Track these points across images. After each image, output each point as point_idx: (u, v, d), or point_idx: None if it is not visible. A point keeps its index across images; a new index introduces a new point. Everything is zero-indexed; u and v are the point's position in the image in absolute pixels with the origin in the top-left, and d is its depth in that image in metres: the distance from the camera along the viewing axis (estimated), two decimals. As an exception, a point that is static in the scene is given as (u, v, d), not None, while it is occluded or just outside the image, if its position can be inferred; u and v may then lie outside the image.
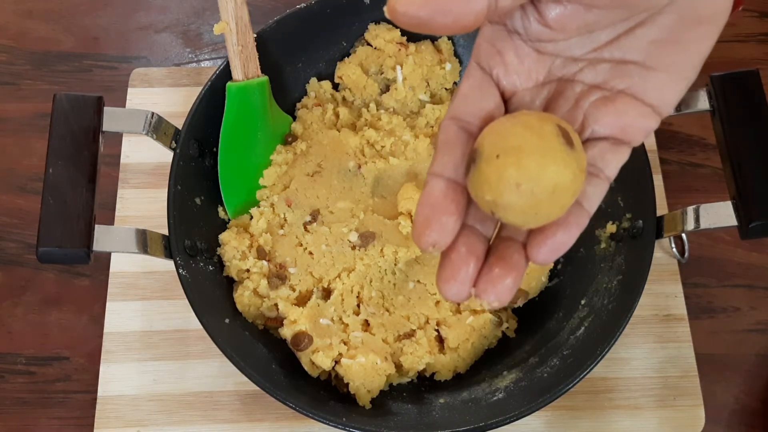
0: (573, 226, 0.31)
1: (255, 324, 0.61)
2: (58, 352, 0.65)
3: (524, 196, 0.29)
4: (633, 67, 0.32)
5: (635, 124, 0.32)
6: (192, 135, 0.60)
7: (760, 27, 0.78)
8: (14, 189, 0.71)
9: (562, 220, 0.31)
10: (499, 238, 0.32)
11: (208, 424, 0.61)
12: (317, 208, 0.63)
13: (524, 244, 0.32)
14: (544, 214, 0.30)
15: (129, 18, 0.79)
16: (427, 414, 0.58)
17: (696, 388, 0.63)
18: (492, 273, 0.31)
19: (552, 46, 0.32)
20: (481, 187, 0.30)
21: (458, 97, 0.33)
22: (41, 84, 0.75)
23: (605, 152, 0.32)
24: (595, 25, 0.31)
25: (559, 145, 0.29)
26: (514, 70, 0.33)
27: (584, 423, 0.62)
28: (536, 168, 0.29)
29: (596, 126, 0.32)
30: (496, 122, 0.31)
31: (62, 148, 0.53)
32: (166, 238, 0.56)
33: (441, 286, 0.31)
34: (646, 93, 0.32)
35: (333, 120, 0.67)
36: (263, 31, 0.63)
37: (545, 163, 0.29)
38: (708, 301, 0.68)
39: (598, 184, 0.32)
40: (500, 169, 0.29)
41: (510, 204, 0.29)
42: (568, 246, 0.31)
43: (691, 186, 0.72)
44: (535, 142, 0.29)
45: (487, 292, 0.31)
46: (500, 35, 0.32)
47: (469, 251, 0.31)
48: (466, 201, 0.32)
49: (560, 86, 0.33)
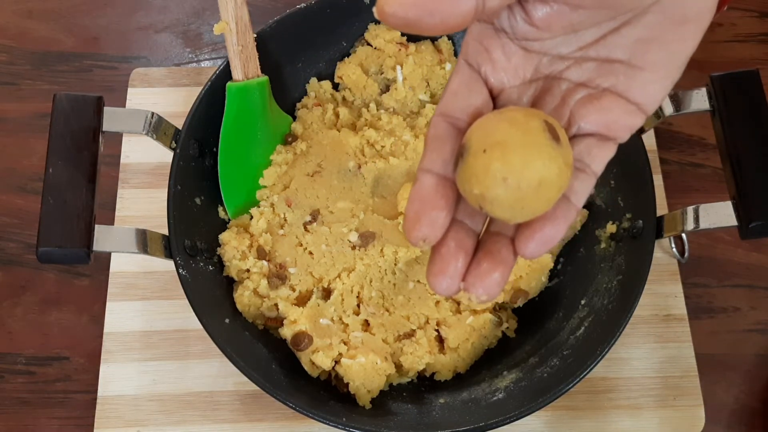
0: (560, 220, 0.31)
1: (255, 324, 0.61)
2: (58, 352, 0.65)
3: (510, 190, 0.29)
4: (618, 65, 0.32)
5: (620, 122, 0.32)
6: (192, 135, 0.60)
7: (760, 27, 0.78)
8: (14, 189, 0.71)
9: (550, 214, 0.31)
10: (488, 233, 0.33)
11: (208, 424, 0.61)
12: (317, 208, 0.63)
13: (512, 239, 0.32)
14: (530, 208, 0.30)
15: (129, 18, 0.79)
16: (427, 414, 0.58)
17: (696, 388, 0.63)
18: (480, 267, 0.31)
19: (538, 45, 0.32)
20: (469, 181, 0.30)
21: (447, 93, 0.33)
22: (41, 84, 0.75)
23: (591, 148, 0.33)
24: (581, 24, 0.31)
25: (544, 140, 0.30)
26: (502, 68, 0.33)
27: (584, 423, 0.62)
28: (521, 162, 0.29)
29: (582, 122, 0.32)
30: (483, 118, 0.31)
31: (62, 148, 0.53)
32: (166, 238, 0.56)
33: (431, 280, 0.32)
34: (631, 91, 0.32)
35: (333, 120, 0.67)
36: (263, 31, 0.63)
37: (530, 158, 0.29)
38: (708, 301, 0.68)
39: (585, 179, 0.33)
40: (487, 164, 0.29)
41: (497, 198, 0.30)
42: (556, 240, 0.31)
43: (691, 186, 0.72)
44: (520, 137, 0.30)
45: (476, 286, 0.31)
46: (488, 33, 0.33)
47: (458, 246, 0.32)
48: (456, 196, 0.32)
49: (547, 84, 0.33)
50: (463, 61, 0.34)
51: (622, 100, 0.32)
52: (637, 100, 0.32)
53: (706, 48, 0.85)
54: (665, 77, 0.32)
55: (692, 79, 0.75)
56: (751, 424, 0.64)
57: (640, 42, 0.31)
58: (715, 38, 0.77)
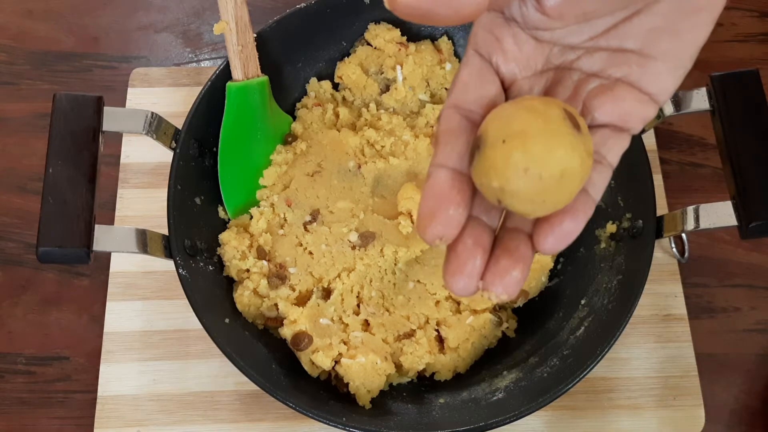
0: (580, 214, 0.30)
1: (255, 324, 0.61)
2: (58, 352, 0.65)
3: (532, 181, 0.28)
4: (630, 55, 0.32)
5: (634, 112, 0.32)
6: (192, 135, 0.60)
7: (760, 27, 0.78)
8: (14, 189, 0.71)
9: (569, 207, 0.30)
10: (505, 230, 0.32)
11: (208, 423, 0.61)
12: (317, 208, 0.63)
13: (530, 235, 0.31)
14: (551, 200, 0.29)
15: (129, 18, 0.79)
16: (427, 414, 0.58)
17: (696, 388, 0.63)
18: (499, 265, 0.30)
19: (549, 35, 0.32)
20: (487, 173, 0.29)
21: (458, 85, 0.32)
22: (41, 84, 0.75)
23: (607, 139, 0.32)
24: (594, 13, 0.31)
25: (566, 128, 0.29)
26: (513, 58, 0.32)
27: (584, 423, 0.62)
28: (544, 151, 0.28)
29: (596, 113, 0.32)
30: (499, 108, 0.30)
31: (62, 148, 0.53)
32: (166, 238, 0.56)
33: (448, 280, 0.30)
34: (643, 81, 0.32)
35: (333, 120, 0.67)
36: (263, 31, 0.63)
37: (553, 147, 0.28)
38: (708, 301, 0.68)
39: (602, 170, 0.32)
40: (506, 154, 0.28)
41: (517, 190, 0.28)
42: (575, 235, 0.30)
43: (691, 186, 0.71)
44: (541, 126, 0.28)
45: (495, 285, 0.30)
46: (498, 23, 0.32)
47: (475, 243, 0.30)
48: (472, 191, 0.31)
49: (558, 74, 0.33)
50: (472, 52, 0.33)
51: (635, 90, 0.32)
52: (650, 90, 0.32)
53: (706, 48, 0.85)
54: (677, 67, 0.32)
55: (692, 79, 0.75)
56: (751, 424, 0.64)
57: (652, 31, 0.31)
58: (715, 38, 0.77)
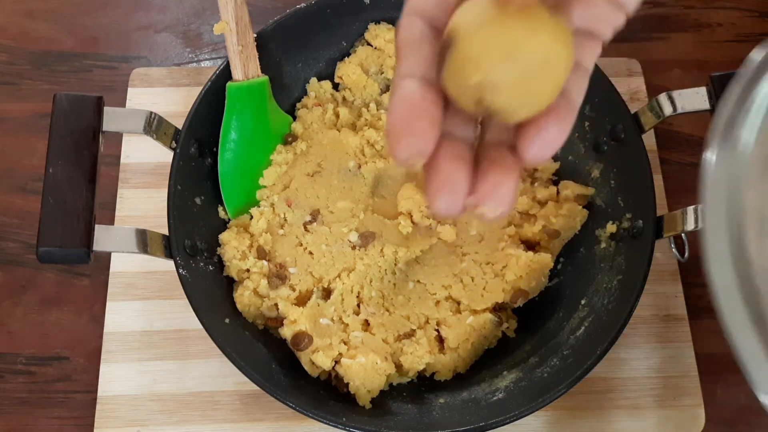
0: (564, 116, 0.28)
1: (255, 324, 0.61)
2: (58, 352, 0.65)
3: (515, 69, 0.26)
4: None
5: (605, 17, 0.31)
6: (192, 135, 0.60)
7: (760, 27, 0.78)
8: (14, 189, 0.71)
9: (553, 108, 0.28)
10: (485, 145, 0.30)
11: (207, 424, 0.61)
12: (317, 208, 0.63)
13: (512, 147, 0.29)
14: (536, 92, 0.27)
15: (129, 18, 0.79)
16: (427, 414, 0.58)
17: (696, 388, 0.63)
18: (488, 179, 0.28)
19: None
20: (464, 69, 0.26)
21: None
22: (41, 84, 0.75)
23: (581, 40, 0.30)
24: None
25: (545, 14, 0.26)
26: None
27: (584, 423, 0.62)
28: (526, 34, 0.26)
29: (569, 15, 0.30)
30: (466, 4, 0.28)
31: (62, 148, 0.53)
32: (166, 238, 0.56)
33: (432, 200, 0.28)
34: None
35: (333, 120, 0.67)
36: (263, 31, 0.63)
37: (536, 31, 0.26)
38: (708, 301, 0.67)
39: (581, 75, 0.30)
40: (485, 40, 0.25)
41: (499, 80, 0.26)
42: (560, 142, 0.28)
43: (691, 186, 0.71)
44: (520, 12, 0.26)
45: (488, 199, 0.28)
46: None
47: (455, 156, 0.28)
48: (443, 102, 0.28)
49: None
50: None
51: None
52: None
53: (706, 48, 0.85)
54: None
55: (692, 78, 0.75)
56: (751, 424, 0.64)
57: None
58: (715, 38, 0.77)
